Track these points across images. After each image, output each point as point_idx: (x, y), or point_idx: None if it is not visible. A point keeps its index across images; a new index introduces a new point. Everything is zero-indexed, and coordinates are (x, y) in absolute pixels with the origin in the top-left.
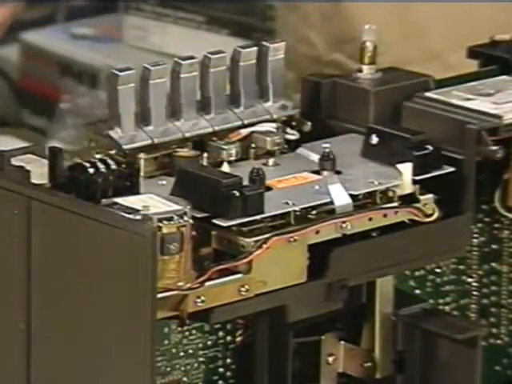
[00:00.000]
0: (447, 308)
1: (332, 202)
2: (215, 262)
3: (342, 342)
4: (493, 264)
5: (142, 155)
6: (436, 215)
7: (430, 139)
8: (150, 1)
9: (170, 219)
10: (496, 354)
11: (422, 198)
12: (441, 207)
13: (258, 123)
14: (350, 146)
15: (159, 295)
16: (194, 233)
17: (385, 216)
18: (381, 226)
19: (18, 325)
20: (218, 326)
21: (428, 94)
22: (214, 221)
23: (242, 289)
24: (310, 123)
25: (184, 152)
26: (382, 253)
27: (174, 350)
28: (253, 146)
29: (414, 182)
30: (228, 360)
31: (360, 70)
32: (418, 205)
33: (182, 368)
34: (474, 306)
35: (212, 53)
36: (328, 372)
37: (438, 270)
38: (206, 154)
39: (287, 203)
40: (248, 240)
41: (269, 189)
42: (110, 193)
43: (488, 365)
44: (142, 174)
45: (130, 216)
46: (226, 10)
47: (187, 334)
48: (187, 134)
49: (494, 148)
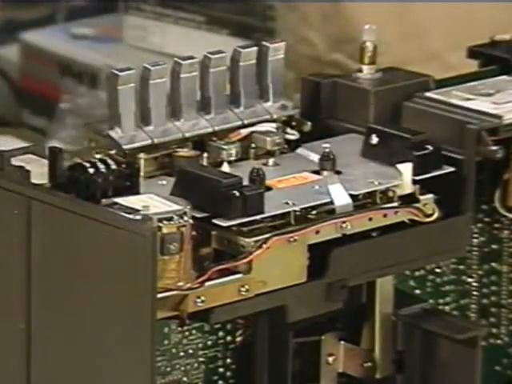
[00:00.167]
0: (447, 308)
1: (332, 202)
2: (215, 261)
3: (342, 342)
4: (493, 264)
5: (141, 155)
6: (436, 215)
7: (429, 139)
8: (150, 1)
9: (170, 219)
10: (496, 353)
11: (422, 197)
12: (441, 207)
13: (257, 123)
14: (350, 146)
15: (159, 295)
16: (194, 233)
17: (385, 216)
18: (381, 225)
19: (18, 325)
20: (218, 326)
21: (428, 94)
22: (214, 221)
23: (242, 289)
24: (309, 123)
25: (184, 152)
26: (382, 253)
27: (174, 350)
28: (253, 145)
29: (414, 181)
30: (228, 360)
31: (360, 70)
32: (417, 205)
33: (182, 368)
34: (474, 305)
35: (212, 53)
36: (328, 372)
37: (438, 270)
38: (205, 154)
39: (287, 203)
40: (248, 240)
41: (269, 189)
42: (109, 193)
43: (488, 365)
44: (142, 173)
45: (130, 216)
46: (226, 10)
47: (187, 333)
48: (187, 134)
49: (494, 148)
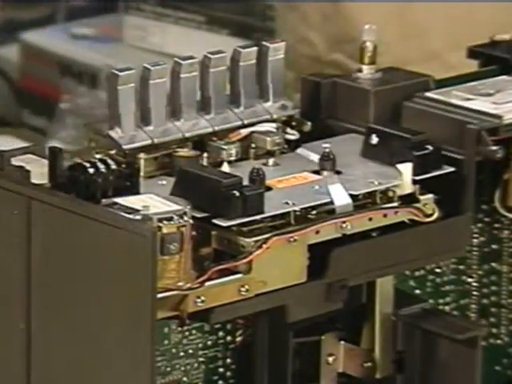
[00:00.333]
0: (447, 308)
1: (332, 202)
2: (215, 261)
3: (342, 342)
4: (493, 264)
5: (141, 155)
6: (436, 215)
7: (429, 139)
8: (150, 1)
9: (170, 219)
10: (496, 353)
11: (422, 198)
12: (441, 207)
13: (258, 123)
14: (350, 146)
15: (159, 295)
16: (194, 233)
17: (385, 216)
18: (381, 225)
19: (18, 325)
20: (218, 326)
21: (428, 94)
22: (214, 221)
23: (242, 289)
24: (309, 123)
25: (184, 152)
26: (382, 253)
27: (174, 350)
28: (253, 145)
29: (414, 181)
30: (228, 360)
31: (360, 70)
32: (417, 205)
33: (182, 368)
34: (474, 305)
35: (212, 53)
36: (328, 372)
37: (438, 270)
38: (205, 154)
39: (287, 203)
40: (248, 240)
41: (269, 189)
42: (109, 193)
43: (488, 365)
44: (142, 173)
45: (130, 216)
46: (226, 10)
47: (187, 333)
48: (187, 134)
49: (494, 148)
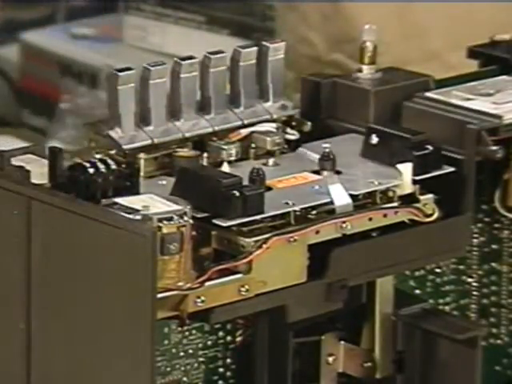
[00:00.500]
0: (447, 308)
1: (332, 202)
2: (215, 262)
3: (342, 342)
4: (493, 264)
5: (142, 155)
6: (436, 215)
7: (429, 139)
8: (150, 1)
9: (170, 219)
10: (496, 353)
11: (422, 198)
12: (441, 207)
13: (258, 123)
14: (350, 146)
15: (159, 295)
16: (194, 233)
17: (385, 216)
18: (381, 225)
19: (18, 325)
20: (218, 326)
21: (428, 94)
22: (214, 221)
23: (242, 289)
24: (309, 123)
25: (184, 152)
26: (382, 253)
27: (174, 350)
28: (253, 145)
29: (414, 181)
30: (228, 360)
31: (360, 70)
32: (417, 205)
33: (182, 368)
34: (474, 305)
35: (212, 53)
36: (328, 372)
37: (438, 270)
38: (205, 154)
39: (287, 203)
40: (248, 240)
41: (269, 189)
42: (110, 193)
43: (488, 365)
44: (142, 173)
45: (130, 216)
46: (226, 10)
47: (187, 333)
48: (187, 134)
49: (494, 148)
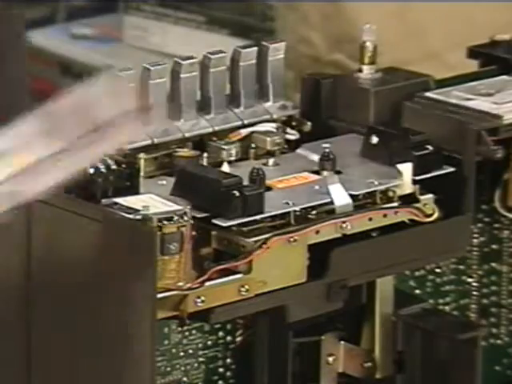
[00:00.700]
0: (447, 308)
1: (332, 202)
2: (215, 261)
3: (342, 342)
4: (493, 264)
5: (142, 155)
6: (436, 215)
7: (429, 139)
8: (150, 1)
9: (170, 219)
10: (496, 353)
11: (422, 198)
12: (441, 207)
13: (258, 123)
14: (350, 146)
15: (159, 295)
16: (194, 233)
17: (385, 216)
18: (381, 225)
19: (18, 324)
20: (218, 326)
21: (428, 93)
22: (214, 221)
23: (242, 289)
24: (309, 123)
25: (184, 152)
26: (382, 253)
27: (173, 350)
28: (253, 146)
29: (414, 181)
30: (228, 360)
31: (360, 70)
32: (418, 205)
33: (182, 368)
34: (473, 305)
35: (212, 53)
36: (328, 372)
37: (438, 270)
38: (205, 154)
39: (287, 203)
40: (248, 240)
41: (269, 189)
42: (109, 193)
43: (488, 365)
44: (142, 173)
45: (130, 216)
46: (226, 10)
47: (187, 334)
48: (187, 134)
49: (494, 148)
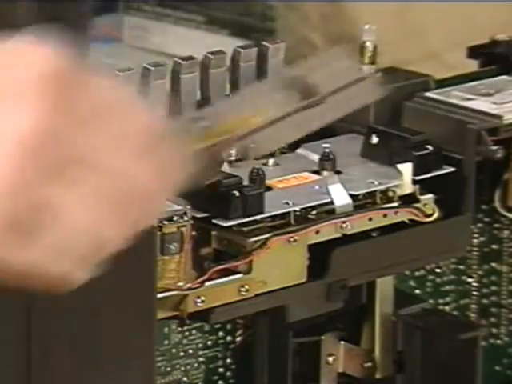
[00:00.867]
0: (447, 308)
1: (332, 202)
2: (215, 261)
3: (342, 342)
4: (493, 264)
5: None
6: (436, 215)
7: (430, 139)
8: (150, 1)
9: (170, 219)
10: (496, 353)
11: (422, 198)
12: (441, 207)
13: None
14: (350, 146)
15: (159, 295)
16: (194, 233)
17: (385, 216)
18: (381, 225)
19: (18, 324)
20: (218, 326)
21: (428, 93)
22: (214, 221)
23: (242, 289)
24: None
25: None
26: (382, 253)
27: (173, 350)
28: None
29: (414, 181)
30: (228, 360)
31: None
32: (418, 205)
33: (182, 368)
34: (474, 305)
35: (212, 53)
36: (328, 372)
37: (438, 270)
38: None
39: (287, 203)
40: (248, 240)
41: (269, 189)
42: None
43: (488, 365)
44: None
45: None
46: (226, 10)
47: (187, 334)
48: None
49: (494, 148)
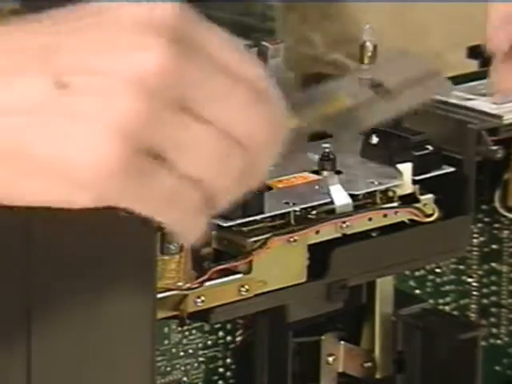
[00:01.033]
0: (447, 308)
1: (332, 202)
2: (215, 262)
3: (342, 342)
4: (493, 264)
5: None
6: (436, 215)
7: (429, 139)
8: None
9: None
10: (496, 353)
11: (422, 198)
12: (441, 207)
13: None
14: (350, 146)
15: (159, 295)
16: None
17: (385, 216)
18: (381, 225)
19: (18, 324)
20: (217, 325)
21: None
22: (214, 221)
23: (242, 289)
24: None
25: None
26: (382, 253)
27: (173, 350)
28: None
29: (414, 181)
30: (228, 360)
31: None
32: (418, 205)
33: (182, 368)
34: (473, 305)
35: None
36: (328, 372)
37: (438, 270)
38: None
39: (287, 203)
40: (248, 240)
41: (269, 189)
42: None
43: (488, 365)
44: None
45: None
46: (226, 10)
47: (187, 333)
48: None
49: (494, 148)
